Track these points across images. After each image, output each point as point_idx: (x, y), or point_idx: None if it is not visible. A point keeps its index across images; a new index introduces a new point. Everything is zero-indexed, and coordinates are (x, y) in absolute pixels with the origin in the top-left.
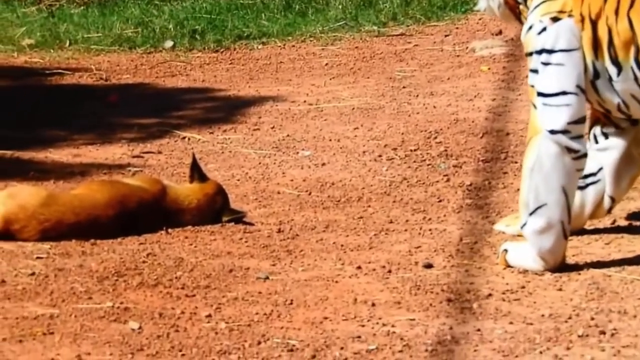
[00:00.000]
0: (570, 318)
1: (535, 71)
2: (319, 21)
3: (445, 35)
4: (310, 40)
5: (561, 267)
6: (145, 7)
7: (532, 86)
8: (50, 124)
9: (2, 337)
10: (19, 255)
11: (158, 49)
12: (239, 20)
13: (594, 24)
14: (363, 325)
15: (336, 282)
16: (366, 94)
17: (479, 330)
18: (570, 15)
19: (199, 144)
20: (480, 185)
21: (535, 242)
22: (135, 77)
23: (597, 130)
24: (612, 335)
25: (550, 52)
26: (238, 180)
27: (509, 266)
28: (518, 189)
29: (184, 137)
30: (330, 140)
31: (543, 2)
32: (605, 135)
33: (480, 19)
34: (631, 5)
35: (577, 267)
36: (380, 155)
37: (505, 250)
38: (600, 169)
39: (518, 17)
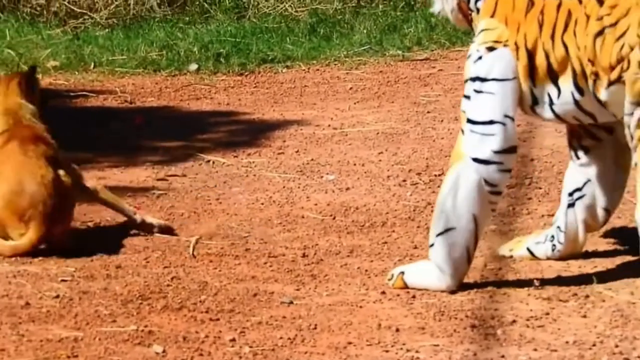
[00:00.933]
0: (594, 345)
1: (467, 97)
2: (343, 45)
3: None
4: (335, 64)
5: (457, 288)
6: (170, 30)
7: (463, 112)
8: (75, 146)
9: (27, 359)
10: (44, 278)
11: (182, 71)
12: (264, 43)
13: (531, 52)
14: (387, 351)
15: (360, 307)
16: (390, 118)
17: (503, 356)
18: (505, 45)
19: (223, 167)
20: (504, 211)
21: (440, 263)
22: (160, 100)
23: (575, 144)
24: None
25: (483, 80)
26: (262, 204)
27: (406, 287)
28: (542, 215)
29: (208, 161)
30: (355, 164)
31: (482, 31)
32: (585, 150)
33: None
34: (565, 29)
35: (601, 294)
36: (404, 180)
37: (402, 272)
38: (586, 182)
39: (470, 23)
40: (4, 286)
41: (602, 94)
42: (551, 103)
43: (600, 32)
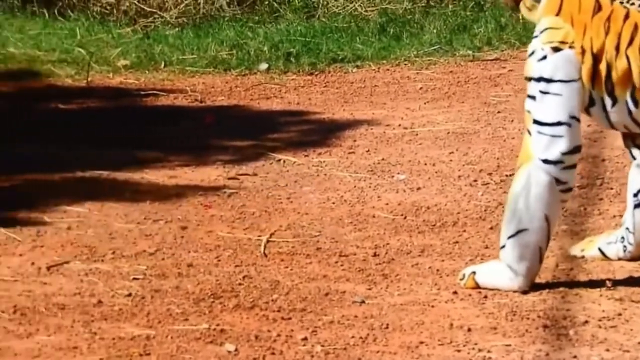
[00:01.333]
0: None
1: (532, 97)
2: (413, 45)
3: None
4: (405, 64)
5: (529, 288)
6: (240, 29)
7: (528, 112)
8: (146, 145)
9: (99, 357)
10: (116, 276)
11: (253, 71)
12: (334, 43)
13: (595, 57)
14: (459, 351)
15: (432, 306)
16: (461, 118)
17: (575, 357)
18: (571, 47)
19: (294, 166)
20: (576, 212)
21: (512, 264)
22: (230, 99)
23: (630, 144)
24: None
25: (548, 81)
26: (333, 203)
27: (478, 287)
28: (614, 215)
29: (279, 160)
30: (425, 164)
31: (546, 29)
32: None
33: None
34: (629, 43)
35: None
36: (475, 180)
37: (474, 272)
38: None
39: (517, 3)
40: (77, 284)
41: None
42: (605, 109)
43: None
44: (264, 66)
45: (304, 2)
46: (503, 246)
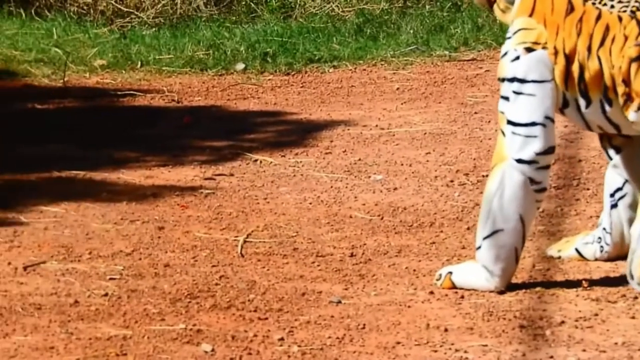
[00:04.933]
0: None
1: (506, 98)
2: (390, 45)
3: None
4: (382, 64)
5: (506, 288)
6: (216, 29)
7: (502, 112)
8: (122, 145)
9: (76, 357)
10: (92, 276)
11: (229, 71)
12: (310, 43)
13: (567, 58)
14: (435, 351)
15: (409, 307)
16: (438, 119)
17: (551, 357)
18: (544, 47)
19: (270, 166)
20: (552, 212)
21: (488, 265)
22: (207, 100)
23: (606, 145)
24: None
25: (522, 81)
26: (310, 203)
27: (454, 287)
28: (591, 216)
29: (256, 160)
30: (402, 164)
31: (519, 30)
32: (617, 149)
33: None
34: (601, 44)
35: None
36: (452, 181)
37: (450, 273)
38: (626, 181)
39: (491, 5)
40: (53, 284)
41: (631, 115)
42: (579, 110)
43: (638, 58)
44: (240, 66)
45: (281, 2)
46: (479, 247)
